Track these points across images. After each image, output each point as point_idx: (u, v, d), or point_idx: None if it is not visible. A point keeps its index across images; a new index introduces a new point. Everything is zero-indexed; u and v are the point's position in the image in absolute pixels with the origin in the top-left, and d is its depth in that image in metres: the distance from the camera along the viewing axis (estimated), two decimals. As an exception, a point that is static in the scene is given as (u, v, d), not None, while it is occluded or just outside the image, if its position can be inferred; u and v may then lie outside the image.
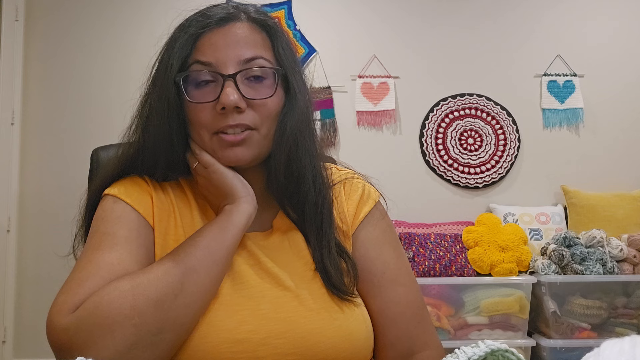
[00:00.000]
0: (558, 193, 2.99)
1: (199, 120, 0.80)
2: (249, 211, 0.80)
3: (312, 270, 0.82)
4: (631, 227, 2.74)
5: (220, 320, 0.73)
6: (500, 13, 3.09)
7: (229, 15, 0.82)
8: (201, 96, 0.79)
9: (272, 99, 0.81)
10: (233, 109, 0.77)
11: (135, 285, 0.68)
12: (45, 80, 3.02)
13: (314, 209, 0.84)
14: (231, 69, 0.78)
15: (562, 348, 2.41)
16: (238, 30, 0.81)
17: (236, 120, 0.78)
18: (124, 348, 0.65)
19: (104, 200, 0.82)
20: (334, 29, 3.08)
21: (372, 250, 0.87)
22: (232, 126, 0.78)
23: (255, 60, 0.80)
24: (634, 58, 3.09)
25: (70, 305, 0.67)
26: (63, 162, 2.96)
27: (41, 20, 3.04)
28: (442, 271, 2.51)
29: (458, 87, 3.06)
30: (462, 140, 3.02)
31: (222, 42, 0.80)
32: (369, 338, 0.81)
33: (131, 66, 2.93)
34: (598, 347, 0.49)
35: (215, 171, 0.80)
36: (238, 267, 0.79)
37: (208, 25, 0.80)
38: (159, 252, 0.79)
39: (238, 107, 0.77)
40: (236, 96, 0.77)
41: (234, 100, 0.77)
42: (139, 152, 0.84)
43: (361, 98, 3.03)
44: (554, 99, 3.05)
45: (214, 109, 0.78)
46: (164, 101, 0.80)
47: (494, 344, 0.52)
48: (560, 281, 2.42)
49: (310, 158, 0.84)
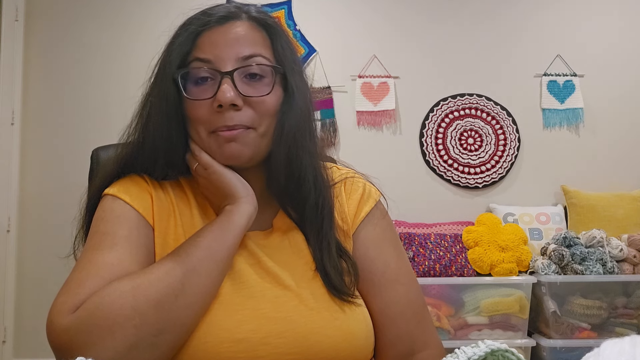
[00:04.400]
0: (558, 193, 2.99)
1: (196, 117, 0.80)
2: (249, 211, 0.80)
3: (312, 269, 0.82)
4: (631, 227, 2.74)
5: (220, 319, 0.73)
6: (500, 13, 3.09)
7: (230, 14, 0.82)
8: (199, 93, 0.79)
9: (270, 97, 0.80)
10: (229, 106, 0.77)
11: (135, 286, 0.68)
12: (45, 80, 3.02)
13: (315, 210, 0.83)
14: (229, 66, 0.78)
15: (562, 348, 2.41)
16: (238, 29, 0.81)
17: (234, 120, 0.78)
18: (124, 349, 0.65)
19: (103, 200, 0.82)
20: (334, 29, 3.08)
21: (373, 249, 0.87)
22: (229, 127, 0.78)
23: (253, 58, 0.80)
24: (634, 58, 3.08)
25: (70, 306, 0.67)
26: (63, 162, 2.96)
27: (41, 20, 3.03)
28: (442, 271, 2.51)
29: (458, 87, 3.06)
30: (462, 140, 3.02)
31: (222, 39, 0.80)
32: (369, 337, 0.81)
33: (131, 66, 2.93)
34: (598, 347, 0.49)
35: (214, 172, 0.80)
36: (238, 267, 0.79)
37: (208, 23, 0.80)
38: (159, 252, 0.79)
39: (235, 104, 0.77)
40: (232, 93, 0.77)
41: (231, 98, 0.77)
42: (138, 151, 0.83)
43: (361, 98, 3.03)
44: (554, 99, 3.05)
45: (211, 106, 0.78)
46: (164, 98, 0.80)
47: (494, 344, 0.52)
48: (560, 281, 2.42)
49: (310, 158, 0.83)
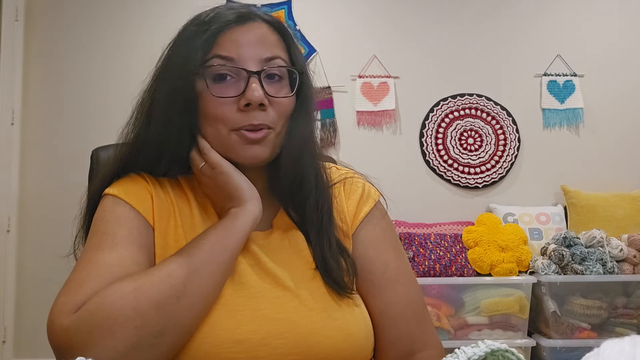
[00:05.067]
0: (558, 193, 2.99)
1: (217, 115, 0.79)
2: (254, 215, 0.80)
3: (312, 269, 0.82)
4: (631, 227, 2.74)
5: (220, 320, 0.73)
6: (500, 13, 3.09)
7: (245, 15, 0.82)
8: (222, 91, 0.79)
9: (290, 99, 0.82)
10: (257, 105, 0.78)
11: (137, 287, 0.68)
12: (45, 80, 3.02)
13: (315, 209, 0.84)
14: (253, 66, 0.79)
15: (562, 348, 2.41)
16: (257, 30, 0.82)
17: (259, 119, 0.78)
18: (125, 349, 0.65)
19: (103, 200, 0.82)
20: (334, 29, 3.08)
21: (372, 249, 0.87)
22: (254, 125, 0.78)
23: (275, 60, 0.81)
24: (634, 58, 3.08)
25: (71, 306, 0.67)
26: (63, 162, 2.96)
27: (41, 20, 3.04)
28: (442, 271, 2.51)
29: (458, 87, 3.06)
30: (462, 140, 3.02)
31: (244, 39, 0.80)
32: (369, 338, 0.81)
33: (131, 66, 2.93)
34: (598, 347, 0.49)
35: (222, 172, 0.80)
36: (238, 267, 0.79)
37: (229, 23, 0.80)
38: (159, 252, 0.79)
39: (262, 104, 0.78)
40: (261, 92, 0.78)
41: (260, 97, 0.77)
42: (140, 148, 0.83)
43: (361, 98, 3.03)
44: (554, 99, 3.05)
45: (235, 104, 0.78)
46: (178, 94, 0.79)
47: (494, 344, 0.52)
48: (560, 281, 2.42)
49: (312, 159, 0.85)
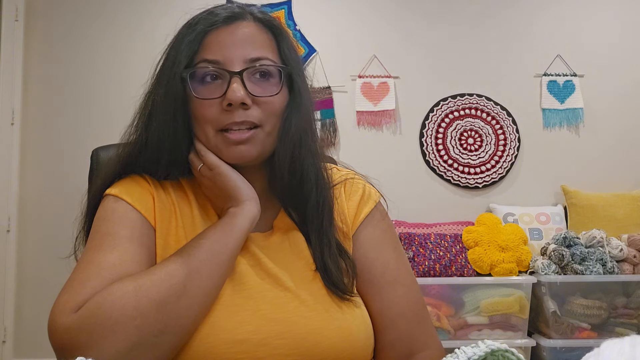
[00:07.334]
0: (558, 193, 2.99)
1: (204, 117, 0.80)
2: (253, 214, 0.80)
3: (312, 270, 0.82)
4: (631, 227, 2.74)
5: (221, 320, 0.73)
6: (500, 13, 3.09)
7: (235, 14, 0.83)
8: (207, 92, 0.80)
9: (278, 97, 0.81)
10: (239, 105, 0.78)
11: (138, 287, 0.68)
12: (45, 80, 3.02)
13: (315, 209, 0.84)
14: (237, 66, 0.79)
15: (562, 348, 2.41)
16: (245, 29, 0.82)
17: (242, 117, 0.79)
18: (126, 349, 0.65)
19: (105, 200, 0.82)
20: (334, 29, 3.08)
21: (372, 250, 0.87)
22: (237, 123, 0.79)
23: (261, 61, 0.81)
24: (634, 58, 3.08)
25: (72, 305, 0.67)
26: (63, 162, 2.96)
27: (41, 20, 3.03)
28: (442, 271, 2.51)
29: (458, 87, 3.06)
30: (462, 140, 3.02)
31: (229, 40, 0.80)
32: (369, 338, 0.81)
33: (131, 66, 2.94)
34: (598, 347, 0.49)
35: (220, 173, 0.81)
36: (238, 268, 0.79)
37: (215, 24, 0.81)
38: (160, 253, 0.79)
39: (244, 103, 0.78)
40: (242, 92, 0.78)
41: (241, 97, 0.77)
42: (140, 150, 0.84)
43: (361, 98, 3.03)
44: (554, 99, 3.05)
45: (220, 105, 0.79)
46: (170, 97, 0.80)
47: (494, 344, 0.52)
48: (560, 281, 2.42)
49: (312, 158, 0.84)
